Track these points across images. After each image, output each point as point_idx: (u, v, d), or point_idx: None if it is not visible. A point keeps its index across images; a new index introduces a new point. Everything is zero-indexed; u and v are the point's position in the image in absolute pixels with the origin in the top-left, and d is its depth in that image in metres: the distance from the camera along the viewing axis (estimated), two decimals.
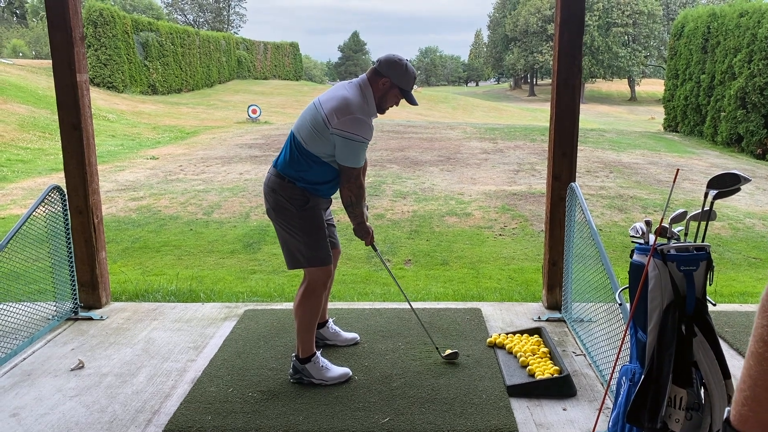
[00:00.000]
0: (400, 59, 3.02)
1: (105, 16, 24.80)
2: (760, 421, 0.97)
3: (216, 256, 6.44)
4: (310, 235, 3.01)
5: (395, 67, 3.00)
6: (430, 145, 14.82)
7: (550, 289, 4.09)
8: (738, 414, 0.99)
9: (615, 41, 50.97)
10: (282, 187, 2.99)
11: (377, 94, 3.02)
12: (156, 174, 10.96)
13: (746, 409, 0.98)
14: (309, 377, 3.08)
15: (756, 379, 0.95)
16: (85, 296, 4.14)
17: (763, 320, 0.92)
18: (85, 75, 3.97)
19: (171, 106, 24.90)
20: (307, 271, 3.07)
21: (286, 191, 2.98)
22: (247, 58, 40.26)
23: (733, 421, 1.00)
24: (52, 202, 3.88)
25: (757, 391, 0.95)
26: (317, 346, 3.33)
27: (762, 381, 0.94)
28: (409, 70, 3.03)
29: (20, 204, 8.50)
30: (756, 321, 0.94)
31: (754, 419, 0.97)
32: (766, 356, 0.92)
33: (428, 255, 6.53)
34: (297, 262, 3.05)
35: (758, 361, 0.94)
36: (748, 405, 0.97)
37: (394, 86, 3.01)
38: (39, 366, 3.35)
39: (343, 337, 3.55)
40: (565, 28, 3.80)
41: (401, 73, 3.00)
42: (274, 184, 3.03)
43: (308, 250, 3.01)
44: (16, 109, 16.43)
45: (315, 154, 2.96)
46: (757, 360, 0.94)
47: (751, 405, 0.97)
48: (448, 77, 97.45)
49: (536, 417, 2.84)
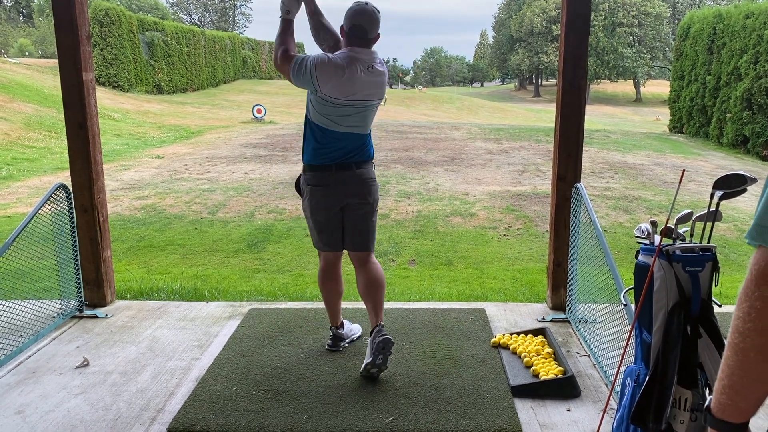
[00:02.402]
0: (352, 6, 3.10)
1: (111, 15, 24.88)
2: (737, 408, 1.03)
3: (220, 255, 6.45)
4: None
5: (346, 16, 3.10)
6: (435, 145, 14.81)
7: (554, 290, 4.08)
8: (717, 402, 1.04)
9: (620, 42, 50.86)
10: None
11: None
12: (161, 173, 10.99)
13: (725, 397, 1.03)
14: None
15: (733, 368, 1.01)
16: (90, 294, 4.15)
17: (739, 312, 0.98)
18: (91, 74, 3.98)
19: (176, 105, 24.96)
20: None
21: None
22: (253, 57, 40.33)
23: (713, 409, 1.05)
24: (57, 200, 3.90)
25: (734, 380, 1.01)
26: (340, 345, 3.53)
27: (738, 370, 1.00)
28: (353, 7, 3.07)
29: (26, 202, 8.54)
30: (733, 315, 1.00)
31: (732, 407, 1.03)
32: (742, 347, 0.98)
33: (432, 255, 6.53)
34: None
35: (735, 352, 0.99)
36: (727, 393, 1.03)
37: (342, 28, 3.11)
38: (44, 363, 3.37)
39: (352, 328, 3.68)
40: (571, 29, 3.79)
41: (347, 15, 3.07)
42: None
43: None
44: (22, 108, 16.49)
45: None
46: (733, 350, 1.00)
47: (729, 393, 1.02)
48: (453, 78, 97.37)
49: (540, 417, 2.83)
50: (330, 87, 2.96)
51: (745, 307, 0.98)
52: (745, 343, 0.98)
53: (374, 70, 3.06)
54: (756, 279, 0.98)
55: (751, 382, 1.00)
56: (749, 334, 0.97)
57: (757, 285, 0.97)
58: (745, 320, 0.98)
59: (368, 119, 3.14)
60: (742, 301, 0.99)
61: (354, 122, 3.07)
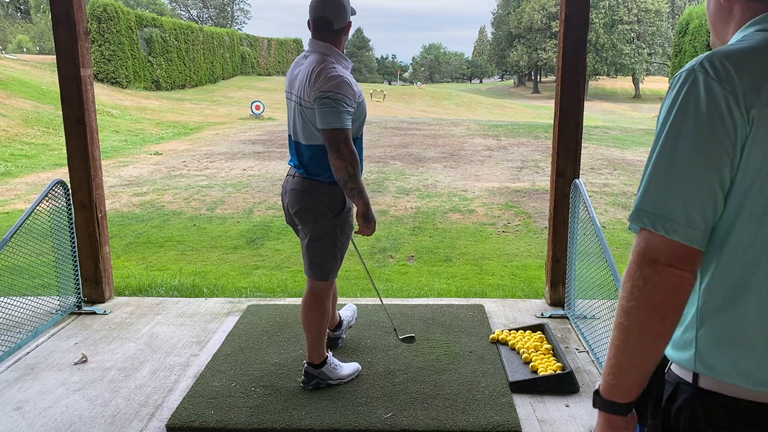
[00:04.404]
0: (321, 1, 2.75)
1: (109, 11, 24.81)
2: (623, 387, 1.09)
3: (219, 252, 6.45)
4: (334, 246, 2.93)
5: (336, 6, 2.76)
6: (434, 141, 14.80)
7: (553, 286, 4.08)
8: (605, 383, 1.10)
9: (620, 38, 50.84)
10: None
11: (344, 44, 2.89)
12: (159, 169, 10.98)
13: (611, 377, 1.10)
14: (326, 379, 3.03)
15: (618, 347, 1.07)
16: (89, 291, 4.15)
17: (624, 292, 1.05)
18: (89, 70, 3.97)
19: (175, 102, 24.92)
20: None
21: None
22: (251, 54, 40.25)
23: (601, 391, 1.12)
24: (55, 196, 3.89)
25: (621, 359, 1.07)
26: (334, 345, 3.38)
27: (623, 348, 1.06)
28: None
29: (24, 199, 8.53)
30: (619, 296, 1.07)
31: (619, 386, 1.09)
32: (626, 325, 1.04)
33: (431, 251, 6.53)
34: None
35: (620, 330, 1.05)
36: (613, 373, 1.09)
37: (349, 23, 2.87)
38: (42, 360, 3.36)
39: (347, 317, 3.58)
40: (570, 25, 3.78)
41: (340, 7, 2.77)
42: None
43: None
44: (20, 104, 16.46)
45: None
46: (619, 329, 1.06)
47: (616, 373, 1.08)
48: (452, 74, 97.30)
49: (539, 413, 2.84)
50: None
51: (628, 287, 1.04)
52: (629, 321, 1.04)
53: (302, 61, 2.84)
54: (637, 260, 1.04)
55: (635, 358, 1.06)
56: (632, 312, 1.04)
57: (638, 266, 1.04)
58: (628, 299, 1.04)
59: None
60: (626, 281, 1.05)
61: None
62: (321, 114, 2.63)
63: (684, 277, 1.02)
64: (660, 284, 1.02)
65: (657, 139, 1.06)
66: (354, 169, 2.67)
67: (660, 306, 1.02)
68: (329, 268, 2.90)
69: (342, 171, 2.66)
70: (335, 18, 2.76)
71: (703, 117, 1.01)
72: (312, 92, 2.65)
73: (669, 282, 1.02)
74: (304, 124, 2.75)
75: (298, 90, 2.75)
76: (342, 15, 2.77)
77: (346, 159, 2.64)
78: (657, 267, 1.02)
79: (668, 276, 1.02)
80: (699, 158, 1.01)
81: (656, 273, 1.02)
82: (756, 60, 1.04)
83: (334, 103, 2.60)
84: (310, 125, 2.72)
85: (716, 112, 1.00)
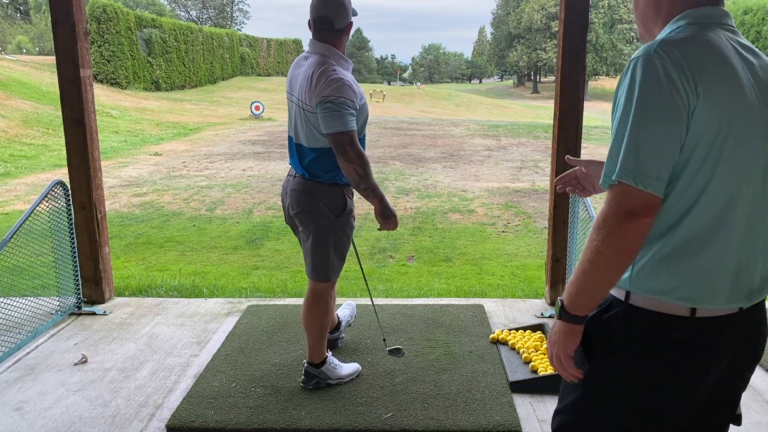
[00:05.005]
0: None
1: (108, 12, 24.82)
2: (587, 305, 1.38)
3: (219, 252, 6.45)
4: (337, 245, 2.92)
5: (337, 6, 2.72)
6: (433, 142, 14.81)
7: (553, 286, 4.08)
8: (572, 303, 1.39)
9: (619, 38, 50.86)
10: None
11: (345, 45, 2.86)
12: (159, 170, 10.98)
13: (578, 298, 1.38)
14: (326, 379, 3.02)
15: (588, 276, 1.33)
16: (89, 291, 4.15)
17: (598, 235, 1.29)
18: (88, 70, 3.97)
19: (174, 102, 24.93)
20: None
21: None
22: (251, 54, 40.26)
23: (567, 307, 1.40)
24: (55, 197, 3.89)
25: (589, 286, 1.35)
26: (334, 346, 3.38)
27: (594, 279, 1.33)
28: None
29: (24, 200, 8.53)
30: (591, 236, 1.31)
31: (583, 305, 1.38)
32: (597, 260, 1.30)
33: (431, 251, 6.53)
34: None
35: (592, 264, 1.31)
36: (580, 295, 1.37)
37: (351, 23, 2.83)
38: (42, 360, 3.36)
39: (345, 317, 3.57)
40: (570, 25, 3.78)
41: (341, 6, 2.73)
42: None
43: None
44: (19, 105, 16.46)
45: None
46: (591, 263, 1.31)
47: (582, 295, 1.37)
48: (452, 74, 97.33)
49: (539, 413, 2.84)
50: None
51: (603, 231, 1.28)
52: (601, 258, 1.29)
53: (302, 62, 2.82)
54: (615, 210, 1.27)
55: (600, 285, 1.34)
56: (605, 251, 1.28)
57: (614, 214, 1.27)
58: (603, 241, 1.28)
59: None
60: (600, 227, 1.29)
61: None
62: (324, 119, 2.62)
63: (649, 224, 1.28)
64: (633, 230, 1.26)
65: (626, 111, 1.28)
66: (364, 169, 2.66)
67: (628, 247, 1.28)
68: (331, 269, 2.90)
69: (352, 173, 2.66)
70: (336, 17, 2.74)
71: (665, 92, 1.25)
72: (313, 97, 2.64)
73: (640, 227, 1.27)
74: (306, 126, 2.74)
75: (299, 92, 2.74)
76: (343, 15, 2.75)
77: (354, 161, 2.64)
78: (633, 217, 1.26)
79: (640, 223, 1.26)
80: (665, 125, 1.25)
81: (630, 221, 1.26)
82: (694, 48, 1.29)
83: (337, 107, 2.60)
84: (313, 128, 2.72)
85: (674, 88, 1.25)
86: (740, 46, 1.36)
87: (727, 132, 1.28)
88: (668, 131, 1.25)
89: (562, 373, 1.49)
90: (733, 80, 1.29)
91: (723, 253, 1.33)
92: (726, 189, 1.30)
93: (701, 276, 1.33)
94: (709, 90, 1.26)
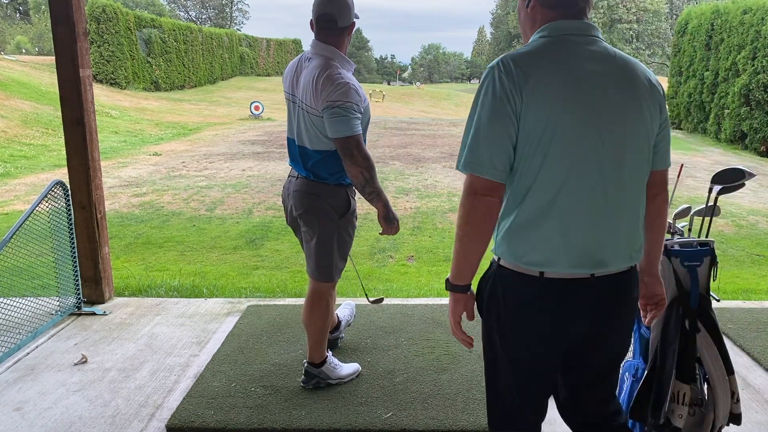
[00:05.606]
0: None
1: (108, 12, 24.80)
2: (463, 274, 1.70)
3: (219, 252, 6.44)
4: (337, 245, 2.91)
5: (340, 3, 2.71)
6: (433, 141, 14.81)
7: None
8: (452, 275, 1.71)
9: (619, 38, 50.87)
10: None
11: (347, 46, 2.84)
12: (159, 170, 10.98)
13: (456, 271, 1.70)
14: (326, 379, 3.03)
15: (459, 251, 1.66)
16: (89, 291, 4.15)
17: (460, 212, 1.62)
18: (88, 70, 3.97)
19: (174, 102, 24.92)
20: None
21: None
22: (250, 54, 40.24)
23: (451, 279, 1.72)
24: (55, 197, 3.89)
25: (459, 258, 1.68)
26: (334, 346, 3.38)
27: (461, 251, 1.66)
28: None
29: (23, 200, 8.52)
30: (457, 215, 1.63)
31: (462, 274, 1.70)
32: (461, 236, 1.63)
33: (431, 251, 6.53)
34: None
35: (459, 239, 1.64)
36: (458, 267, 1.69)
37: (353, 23, 2.82)
38: (42, 360, 3.36)
39: (345, 316, 3.56)
40: None
41: (345, 5, 2.72)
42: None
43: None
44: (19, 105, 16.45)
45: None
46: (459, 239, 1.64)
47: (459, 266, 1.69)
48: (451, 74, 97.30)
49: None
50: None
51: (461, 211, 1.61)
52: (463, 232, 1.62)
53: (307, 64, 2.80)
54: (465, 193, 1.60)
55: (468, 256, 1.66)
56: (464, 227, 1.62)
57: (465, 196, 1.60)
58: (461, 218, 1.61)
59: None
60: (460, 207, 1.62)
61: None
62: (331, 123, 2.61)
63: (493, 201, 1.60)
64: (479, 207, 1.59)
65: (472, 112, 1.61)
66: (370, 172, 2.67)
67: (481, 221, 1.60)
68: (334, 269, 2.90)
69: (358, 176, 2.67)
70: (339, 15, 2.72)
71: (497, 98, 1.55)
72: (319, 101, 2.63)
73: (485, 203, 1.59)
74: (311, 129, 2.74)
75: (303, 95, 2.73)
76: (346, 13, 2.74)
77: (361, 164, 2.64)
78: (477, 196, 1.59)
79: (483, 201, 1.59)
80: (496, 125, 1.56)
81: (476, 200, 1.59)
82: (528, 59, 1.58)
83: (344, 111, 2.60)
84: (318, 131, 2.71)
85: (504, 95, 1.55)
86: (591, 55, 1.60)
87: (553, 131, 1.54)
88: (500, 130, 1.55)
89: (458, 339, 1.85)
90: (560, 86, 1.54)
91: (559, 228, 1.59)
92: (556, 176, 1.57)
93: (541, 245, 1.61)
94: (533, 96, 1.53)
